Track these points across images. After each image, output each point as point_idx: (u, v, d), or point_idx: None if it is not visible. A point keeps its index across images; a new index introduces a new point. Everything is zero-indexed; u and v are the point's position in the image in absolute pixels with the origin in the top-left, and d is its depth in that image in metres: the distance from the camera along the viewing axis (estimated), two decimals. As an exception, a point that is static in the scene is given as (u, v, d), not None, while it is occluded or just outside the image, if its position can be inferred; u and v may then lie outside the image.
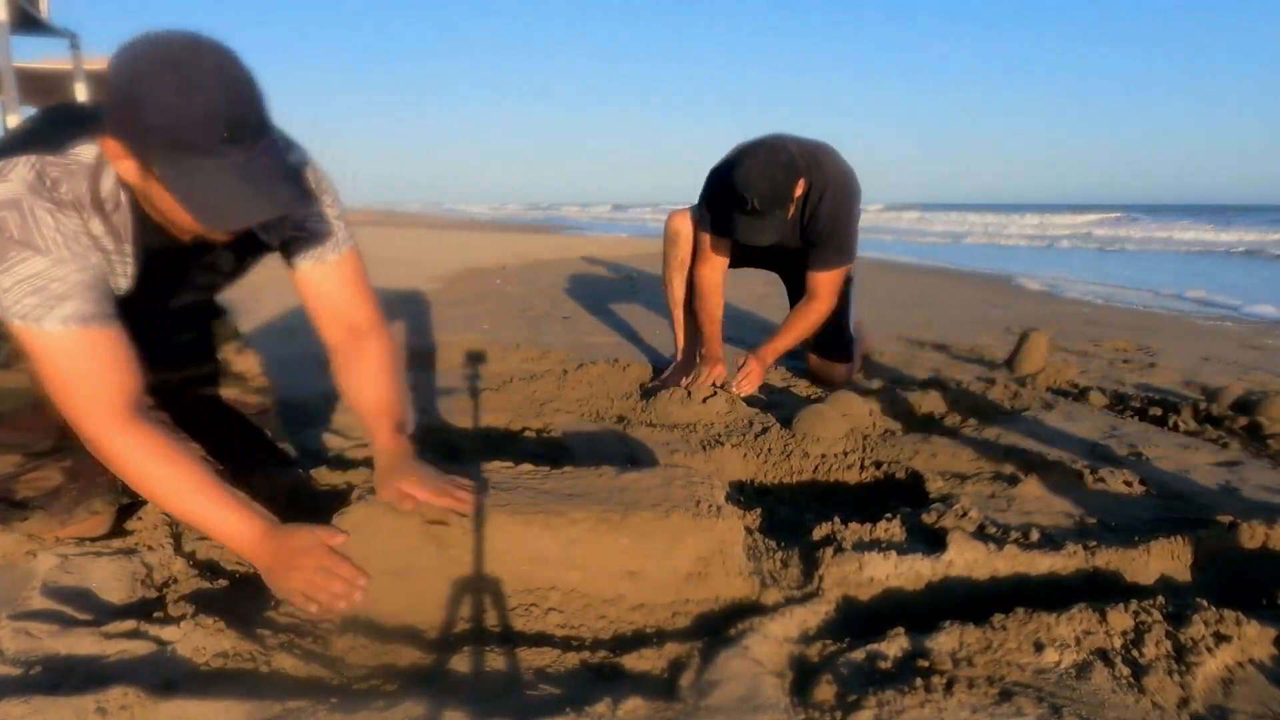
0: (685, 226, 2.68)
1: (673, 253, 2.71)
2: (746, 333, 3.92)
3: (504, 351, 3.10)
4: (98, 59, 11.15)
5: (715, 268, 2.59)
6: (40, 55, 10.84)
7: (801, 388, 2.75)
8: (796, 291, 2.76)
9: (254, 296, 3.86)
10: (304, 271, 1.35)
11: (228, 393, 1.61)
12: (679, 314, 2.74)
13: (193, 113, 0.97)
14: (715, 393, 2.25)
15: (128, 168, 1.06)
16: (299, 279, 1.36)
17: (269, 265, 1.44)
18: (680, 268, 2.70)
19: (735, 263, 2.72)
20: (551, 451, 1.98)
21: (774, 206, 2.27)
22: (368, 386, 1.36)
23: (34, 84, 11.24)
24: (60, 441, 1.32)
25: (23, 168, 1.06)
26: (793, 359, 3.23)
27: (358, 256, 1.39)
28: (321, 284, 1.35)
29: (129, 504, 1.41)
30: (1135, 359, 3.33)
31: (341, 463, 1.80)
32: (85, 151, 1.09)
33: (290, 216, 1.28)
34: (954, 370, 3.02)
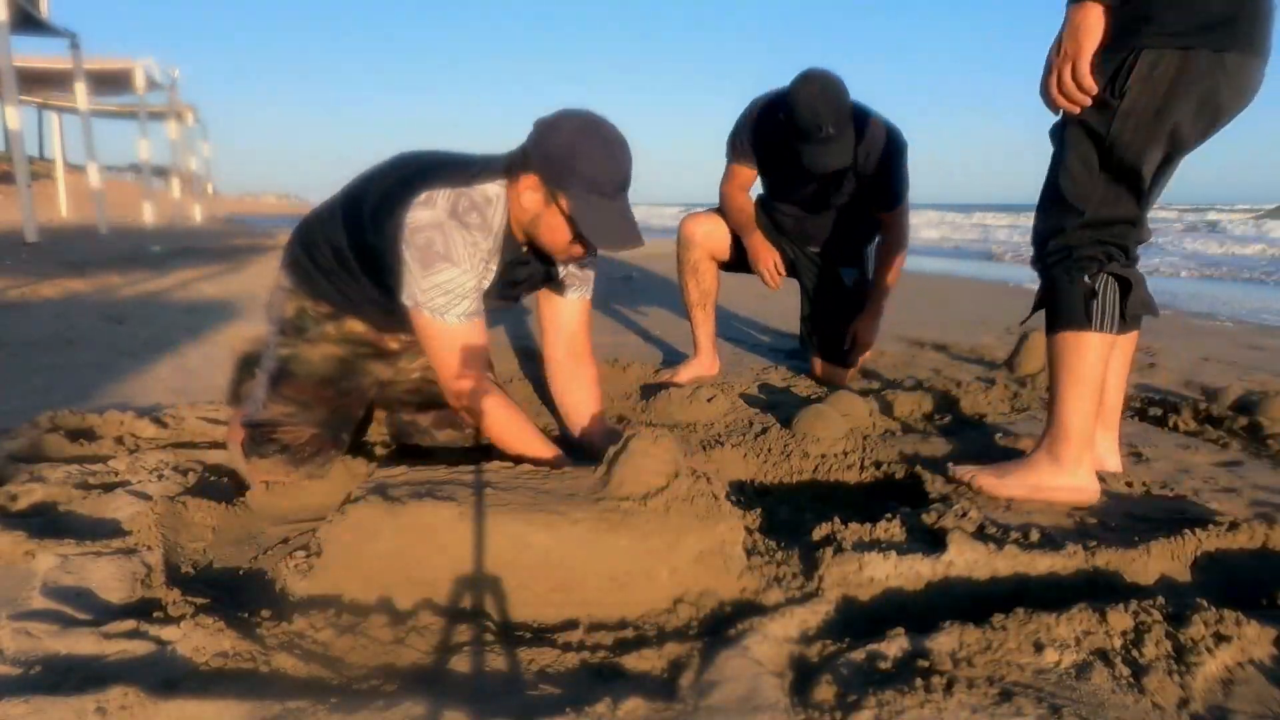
0: (698, 231, 2.77)
1: (685, 256, 2.78)
2: (749, 334, 3.93)
3: (505, 352, 3.10)
4: (97, 59, 11.15)
5: (741, 187, 2.72)
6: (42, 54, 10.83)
7: (801, 388, 2.75)
8: (818, 298, 2.84)
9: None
10: (565, 300, 1.78)
11: None
12: (697, 314, 2.80)
13: (610, 170, 1.46)
14: (715, 395, 2.25)
15: (533, 199, 1.49)
16: (554, 302, 1.79)
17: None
18: (693, 271, 2.77)
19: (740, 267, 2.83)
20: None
21: (844, 127, 2.39)
22: (586, 396, 1.82)
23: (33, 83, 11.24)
24: (325, 415, 1.70)
25: (444, 198, 1.47)
26: (793, 359, 3.23)
27: (591, 303, 1.84)
28: (567, 311, 1.79)
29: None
30: (1135, 359, 3.32)
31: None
32: (488, 190, 1.51)
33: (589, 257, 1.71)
34: (954, 370, 3.02)
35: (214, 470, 1.76)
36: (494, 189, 1.52)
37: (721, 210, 2.78)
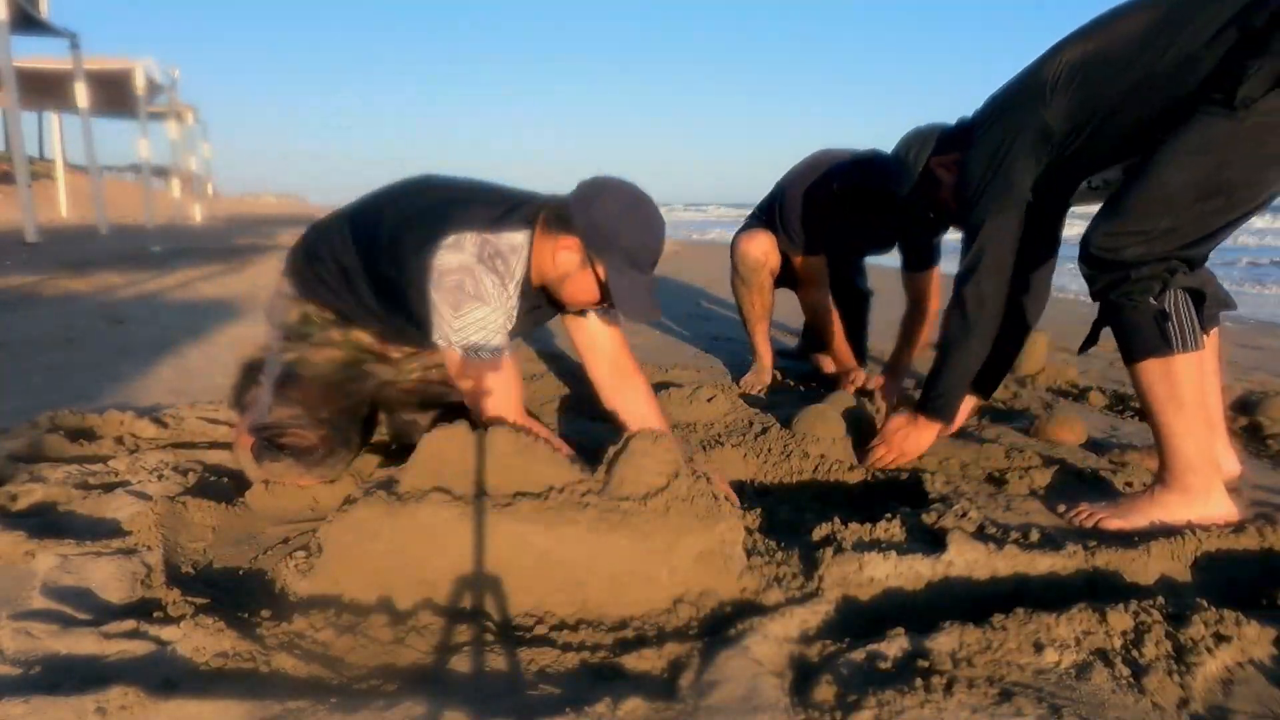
0: (759, 250, 2.73)
1: (753, 278, 2.77)
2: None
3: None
4: (97, 59, 11.15)
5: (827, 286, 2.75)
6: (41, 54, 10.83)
7: (801, 388, 2.75)
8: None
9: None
10: (591, 321, 1.74)
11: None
12: (761, 326, 2.85)
13: (647, 247, 1.52)
14: (715, 395, 2.25)
15: (569, 259, 1.52)
16: (581, 325, 1.74)
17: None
18: (760, 290, 2.78)
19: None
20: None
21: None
22: (643, 410, 1.74)
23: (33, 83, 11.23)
24: (331, 417, 1.71)
25: (471, 243, 1.49)
26: (792, 358, 3.23)
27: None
28: (600, 332, 1.75)
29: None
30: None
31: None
32: (514, 239, 1.53)
33: None
34: (954, 370, 3.01)
35: (214, 470, 1.76)
36: (519, 238, 1.54)
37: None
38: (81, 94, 9.76)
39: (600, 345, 1.76)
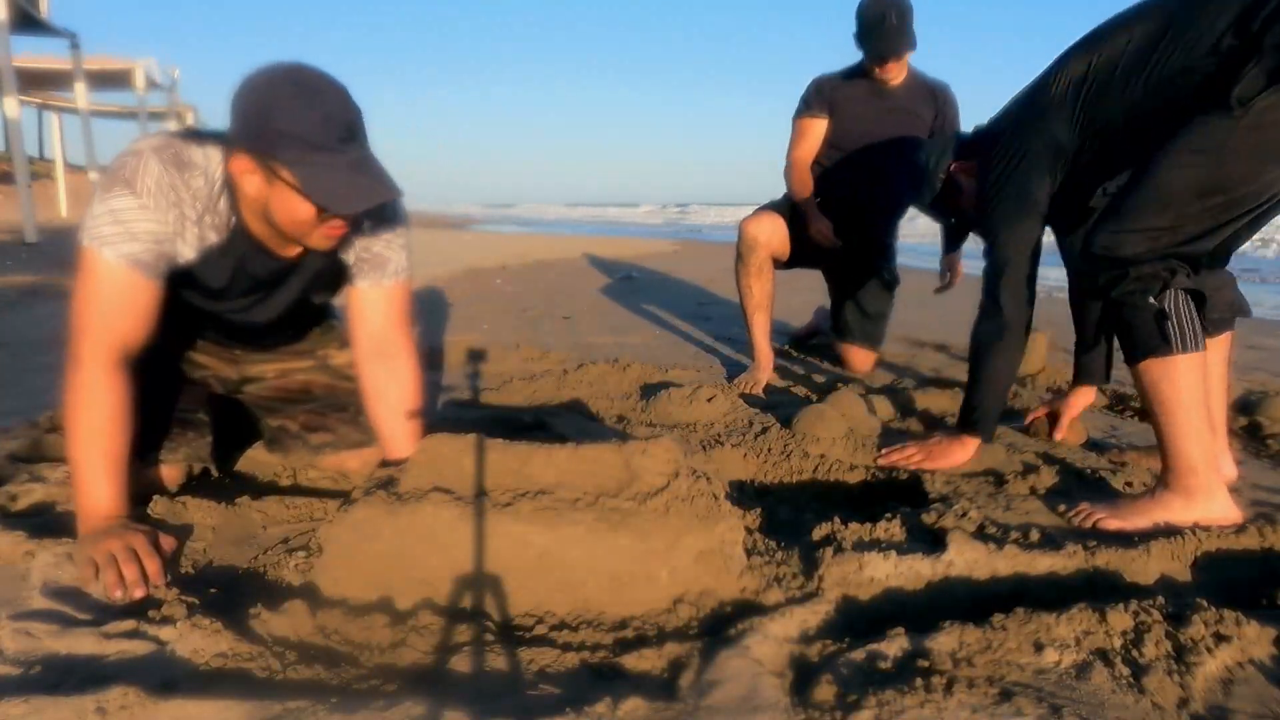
0: (762, 232, 2.76)
1: (751, 259, 2.77)
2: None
3: (504, 351, 3.11)
4: (97, 58, 11.15)
5: (810, 150, 2.83)
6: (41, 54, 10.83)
7: (801, 388, 2.75)
8: (840, 285, 3.02)
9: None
10: (360, 290, 1.50)
11: (322, 378, 1.77)
12: (759, 317, 2.80)
13: (316, 117, 1.18)
14: (715, 395, 2.25)
15: (254, 181, 1.24)
16: (352, 296, 1.51)
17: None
18: (758, 274, 2.77)
19: (793, 263, 2.90)
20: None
21: (905, 19, 2.60)
22: (397, 394, 1.52)
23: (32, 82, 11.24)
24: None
25: (154, 140, 1.27)
26: (790, 358, 3.23)
27: (408, 287, 1.54)
28: (368, 305, 1.50)
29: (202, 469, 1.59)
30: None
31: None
32: (196, 152, 1.28)
33: (366, 238, 1.45)
34: (955, 370, 3.02)
35: (214, 470, 1.76)
36: (205, 153, 1.28)
37: (785, 177, 2.84)
38: (81, 94, 9.76)
39: (365, 319, 1.50)
